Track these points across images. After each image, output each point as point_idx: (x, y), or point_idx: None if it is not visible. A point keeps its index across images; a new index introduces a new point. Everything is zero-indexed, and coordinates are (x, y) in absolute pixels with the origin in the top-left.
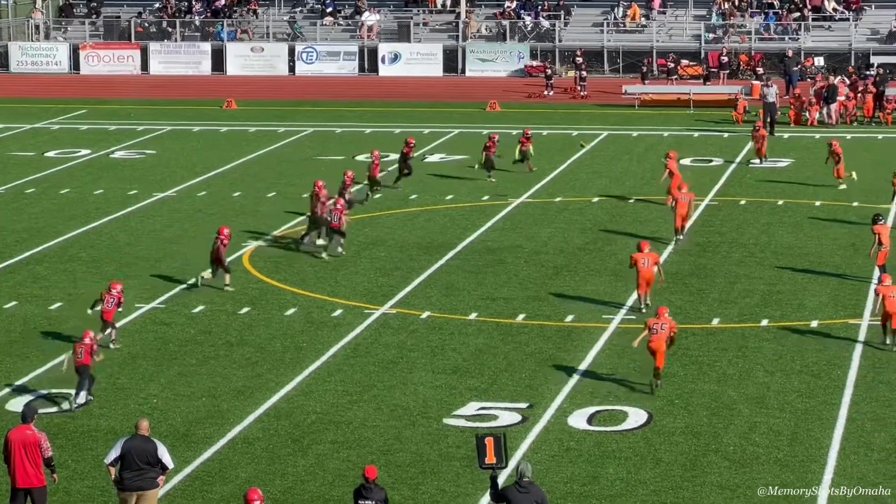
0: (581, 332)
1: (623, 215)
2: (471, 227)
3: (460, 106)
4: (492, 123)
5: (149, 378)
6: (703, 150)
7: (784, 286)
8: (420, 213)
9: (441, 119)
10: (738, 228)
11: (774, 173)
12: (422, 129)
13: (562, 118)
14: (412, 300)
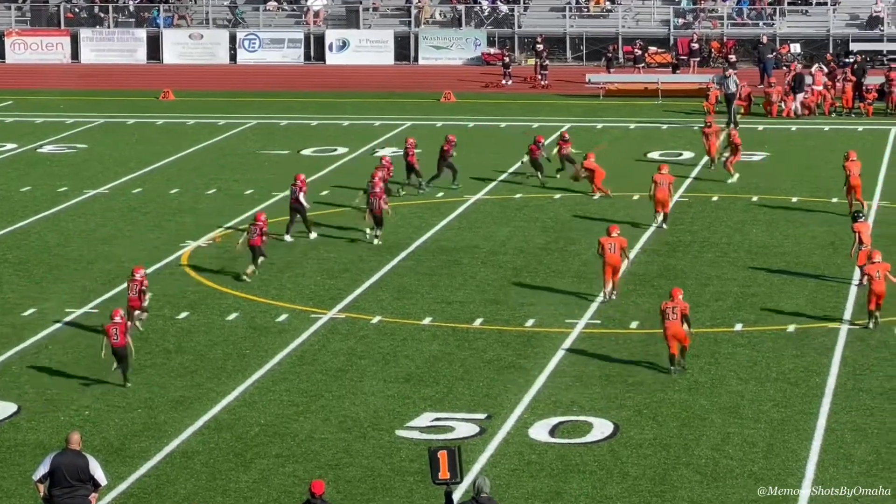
0: (542, 338)
1: (587, 213)
2: (424, 226)
3: (413, 96)
4: (446, 115)
5: (80, 389)
6: (673, 143)
7: (759, 288)
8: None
9: (392, 110)
10: (710, 226)
11: (748, 168)
12: (372, 121)
13: (521, 109)
14: (362, 304)
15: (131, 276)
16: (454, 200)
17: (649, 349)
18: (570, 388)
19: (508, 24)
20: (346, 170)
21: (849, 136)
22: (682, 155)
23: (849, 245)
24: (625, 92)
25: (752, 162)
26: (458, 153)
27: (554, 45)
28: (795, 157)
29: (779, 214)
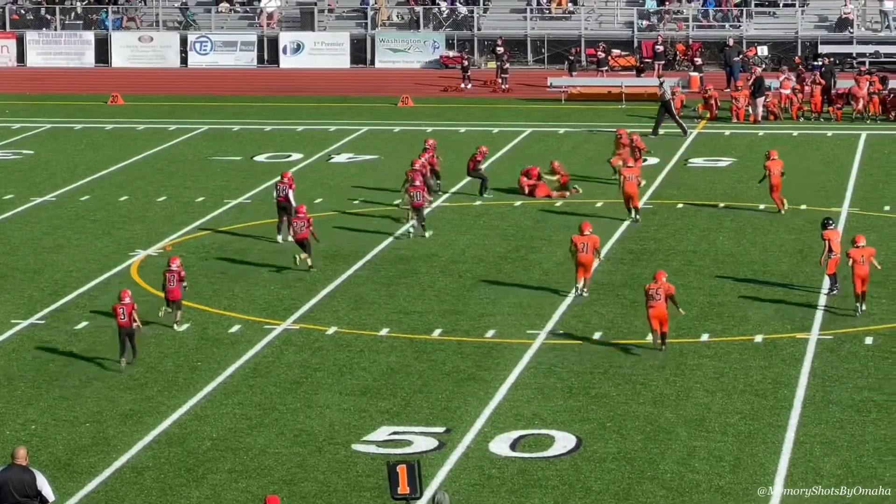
0: (503, 349)
1: (548, 220)
2: (381, 234)
3: (370, 101)
4: (404, 120)
5: (27, 402)
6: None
7: (725, 297)
8: (326, 219)
9: (348, 115)
10: (676, 234)
11: (715, 174)
12: (327, 126)
13: (480, 114)
14: (317, 314)
15: (168, 266)
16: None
17: (613, 360)
18: (531, 400)
19: (468, 26)
20: (300, 176)
21: (817, 142)
22: (647, 161)
23: (818, 253)
24: (587, 96)
25: (718, 168)
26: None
27: (514, 47)
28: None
29: (746, 222)
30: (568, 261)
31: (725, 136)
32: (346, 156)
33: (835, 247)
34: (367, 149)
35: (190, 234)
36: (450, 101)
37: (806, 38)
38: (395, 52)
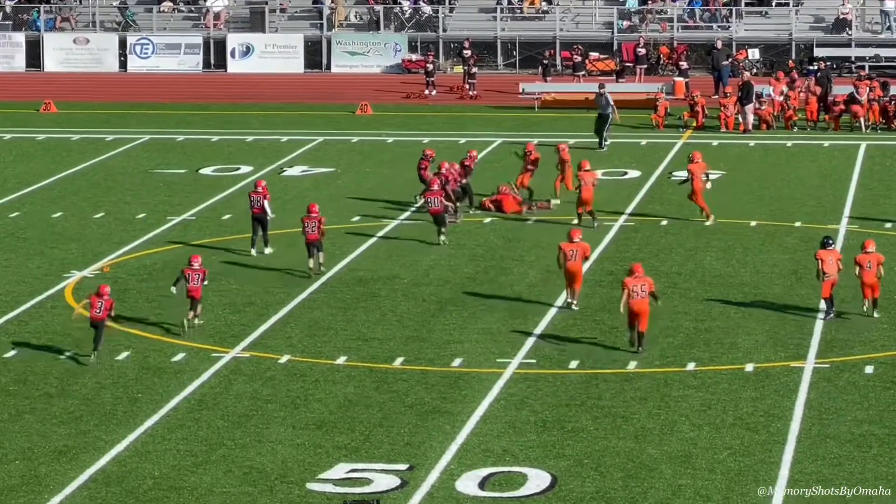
0: (471, 379)
1: (520, 239)
2: (338, 254)
3: (325, 109)
4: (363, 129)
5: None
6: (617, 161)
7: (713, 322)
8: (277, 238)
9: (302, 125)
10: (659, 254)
11: None
12: (279, 136)
13: (446, 123)
14: (269, 341)
15: (188, 264)
16: (371, 225)
17: (590, 391)
18: (501, 435)
19: (432, 27)
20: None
21: (813, 153)
22: (627, 174)
23: (813, 274)
24: (563, 103)
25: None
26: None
27: (483, 50)
28: (753, 175)
29: (735, 240)
30: (542, 283)
31: (713, 146)
32: (300, 169)
33: (828, 268)
34: (323, 161)
35: (130, 254)
36: (413, 109)
37: (800, 40)
38: (353, 56)
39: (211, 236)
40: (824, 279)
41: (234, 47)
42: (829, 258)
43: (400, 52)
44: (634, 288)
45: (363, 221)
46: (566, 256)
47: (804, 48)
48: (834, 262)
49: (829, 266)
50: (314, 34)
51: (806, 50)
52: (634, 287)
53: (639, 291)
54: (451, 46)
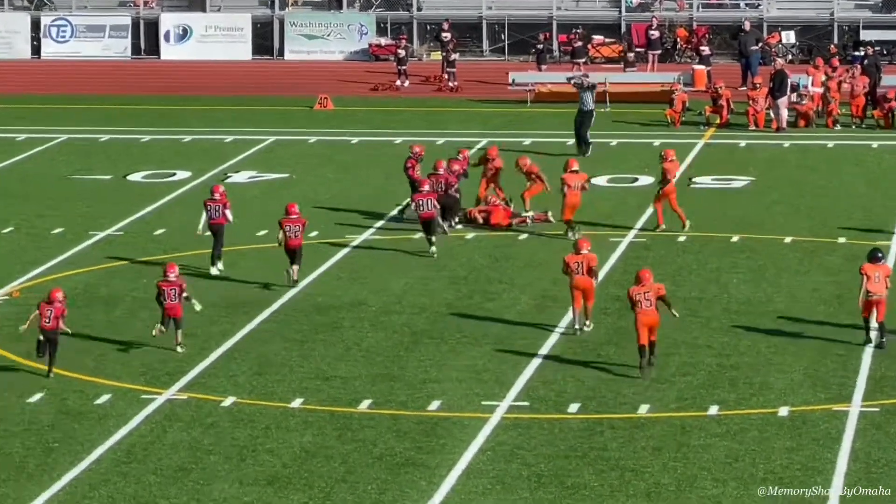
0: (451, 426)
1: (510, 258)
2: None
3: (278, 103)
4: (322, 127)
5: None
6: (625, 165)
7: (741, 358)
8: (222, 255)
9: (250, 122)
10: (676, 276)
11: (726, 197)
12: (222, 136)
13: (422, 120)
14: (210, 380)
15: (164, 276)
16: (333, 241)
17: (594, 440)
18: (488, 492)
19: (404, 5)
20: (188, 202)
21: (860, 155)
22: (638, 181)
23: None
24: (560, 96)
25: (731, 190)
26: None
27: (466, 33)
28: (789, 182)
29: (767, 259)
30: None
31: (740, 147)
32: (248, 174)
33: (873, 287)
34: (275, 165)
35: (44, 276)
36: (381, 104)
37: (844, 20)
38: (311, 40)
39: (141, 254)
40: (869, 297)
41: (168, 29)
42: (875, 274)
43: (366, 36)
44: (637, 297)
45: (323, 237)
46: (572, 270)
47: (848, 30)
48: (882, 279)
49: (875, 284)
50: (264, 14)
51: (851, 32)
52: (638, 296)
53: (644, 303)
54: (427, 28)
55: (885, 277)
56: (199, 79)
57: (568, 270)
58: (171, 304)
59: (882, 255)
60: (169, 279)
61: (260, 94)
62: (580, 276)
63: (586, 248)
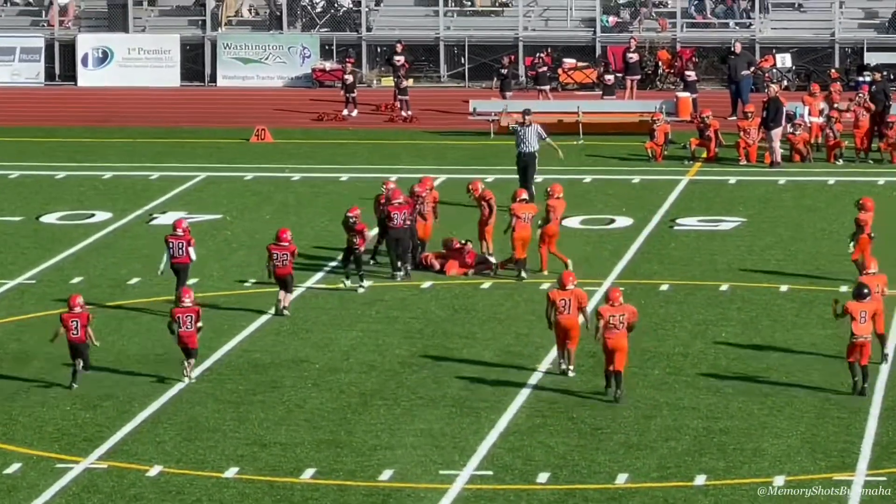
0: (405, 498)
1: (471, 310)
2: (227, 330)
3: (209, 135)
4: (260, 162)
5: None
6: (600, 204)
7: (731, 421)
8: (145, 307)
9: (178, 156)
10: (658, 329)
11: (714, 241)
12: (147, 172)
13: (371, 154)
14: (134, 447)
15: (179, 300)
16: (271, 291)
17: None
18: None
19: (352, 24)
20: (109, 246)
21: (864, 193)
22: (615, 223)
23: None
24: None
25: (719, 232)
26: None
27: (422, 56)
28: (784, 224)
29: (760, 310)
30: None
31: (730, 184)
32: (176, 215)
33: (859, 329)
34: (207, 205)
35: None
36: (326, 136)
37: (846, 41)
38: (247, 64)
39: (55, 307)
40: (853, 341)
41: (86, 52)
42: (861, 314)
43: (309, 59)
44: (611, 319)
45: (260, 286)
46: (557, 309)
47: (851, 52)
48: (868, 318)
49: (861, 326)
50: (194, 34)
51: (854, 55)
52: (612, 318)
53: (616, 324)
54: (377, 51)
55: (871, 316)
56: (120, 107)
57: (552, 309)
58: (185, 333)
59: (868, 290)
60: (184, 304)
61: (190, 124)
62: (567, 314)
63: (573, 283)
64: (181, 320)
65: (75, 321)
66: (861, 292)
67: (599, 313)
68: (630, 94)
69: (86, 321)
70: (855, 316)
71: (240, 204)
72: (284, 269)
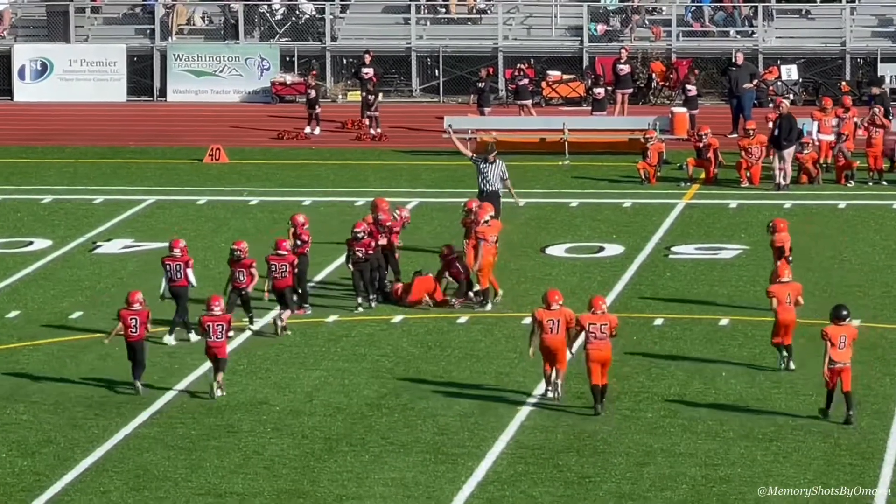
0: None
1: (446, 347)
2: (178, 369)
3: (158, 154)
4: (214, 184)
5: None
6: (588, 231)
7: (732, 469)
8: (87, 344)
9: (124, 178)
10: (652, 367)
11: (713, 271)
12: (91, 196)
13: (337, 176)
14: (76, 497)
15: (208, 308)
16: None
17: None
18: None
19: (315, 33)
20: (48, 277)
21: (879, 218)
22: (604, 251)
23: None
24: (508, 146)
25: (718, 261)
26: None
27: (392, 68)
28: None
29: (764, 347)
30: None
31: (730, 209)
32: (121, 243)
33: (837, 355)
34: (156, 232)
35: None
36: (287, 156)
37: (857, 51)
38: (200, 77)
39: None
40: (832, 367)
41: (23, 64)
42: (840, 338)
43: (268, 72)
44: (593, 328)
45: None
46: (543, 329)
47: (863, 64)
48: (848, 343)
49: (840, 352)
50: (142, 45)
51: (866, 65)
52: (593, 327)
53: (598, 334)
54: (343, 63)
55: (851, 341)
56: (61, 125)
57: (538, 329)
58: (215, 343)
59: (847, 312)
60: (213, 313)
61: (137, 143)
62: (554, 335)
63: (558, 302)
64: (211, 329)
65: (134, 319)
66: (840, 314)
67: (580, 322)
68: (621, 109)
69: (145, 319)
70: (834, 341)
71: (192, 230)
72: (283, 281)
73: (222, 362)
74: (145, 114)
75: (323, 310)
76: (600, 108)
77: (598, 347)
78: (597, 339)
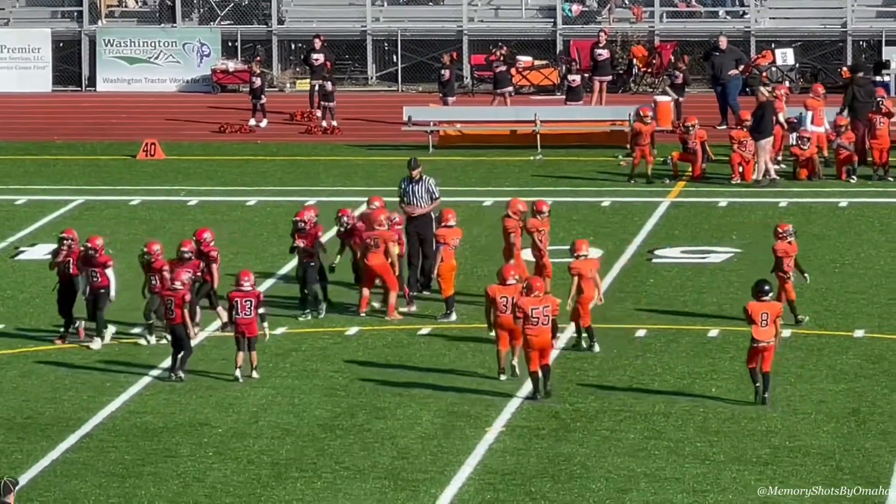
0: None
1: (407, 361)
2: (110, 388)
3: (87, 150)
4: (149, 183)
5: None
6: (563, 232)
7: (723, 495)
8: (9, 360)
9: (49, 177)
10: (634, 382)
11: (701, 276)
12: (13, 196)
13: (286, 173)
14: None
15: (237, 284)
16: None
17: None
18: None
19: (260, 16)
20: None
21: (881, 216)
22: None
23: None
24: (473, 139)
25: (707, 266)
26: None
27: (346, 53)
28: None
29: None
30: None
31: (720, 208)
32: (47, 248)
33: (760, 334)
34: (84, 235)
35: None
36: (230, 150)
37: (860, 33)
38: (133, 64)
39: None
40: (754, 346)
41: None
42: (762, 315)
43: (208, 58)
44: (535, 312)
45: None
46: (530, 320)
47: (866, 47)
48: (771, 321)
49: (762, 331)
50: (68, 28)
51: (869, 49)
52: (535, 310)
53: (540, 317)
54: (292, 48)
55: (773, 319)
56: None
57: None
58: (244, 320)
59: (770, 287)
60: (243, 288)
61: (64, 138)
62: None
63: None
64: (239, 305)
65: (170, 299)
66: (762, 289)
67: (520, 306)
68: (598, 98)
69: (181, 301)
70: (755, 319)
71: (125, 234)
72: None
73: (252, 341)
74: (73, 105)
75: (273, 312)
76: (576, 97)
77: (536, 334)
78: (537, 324)
